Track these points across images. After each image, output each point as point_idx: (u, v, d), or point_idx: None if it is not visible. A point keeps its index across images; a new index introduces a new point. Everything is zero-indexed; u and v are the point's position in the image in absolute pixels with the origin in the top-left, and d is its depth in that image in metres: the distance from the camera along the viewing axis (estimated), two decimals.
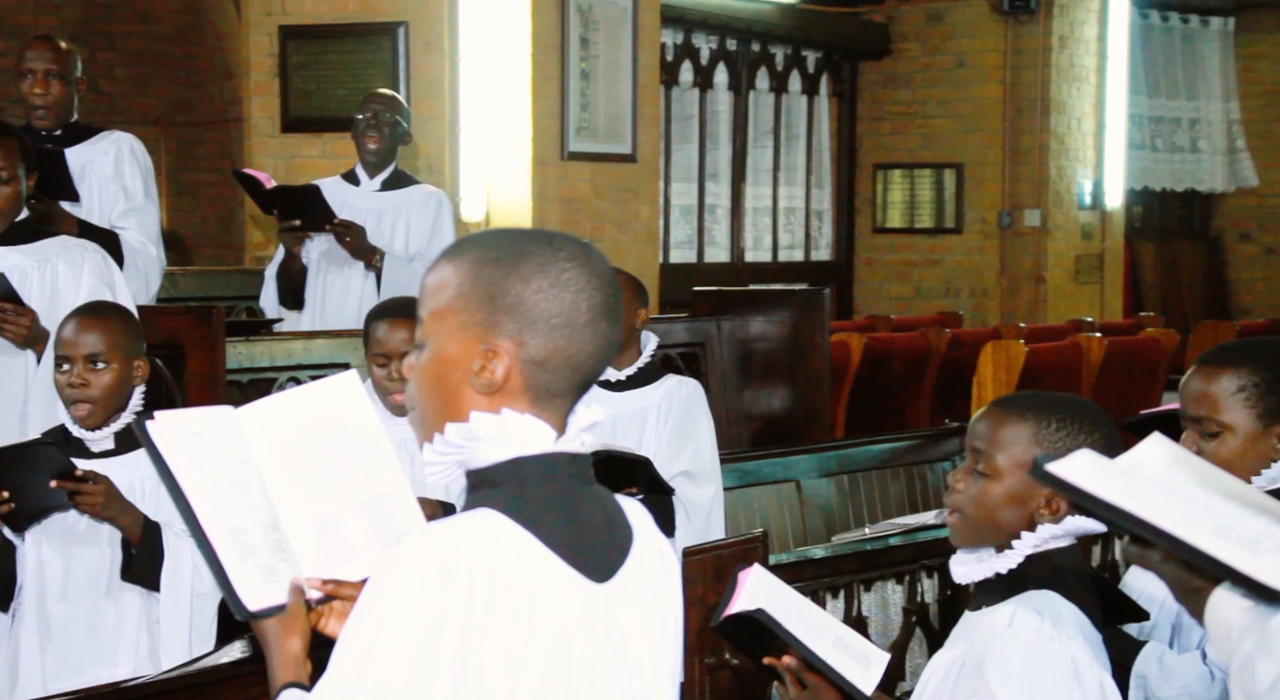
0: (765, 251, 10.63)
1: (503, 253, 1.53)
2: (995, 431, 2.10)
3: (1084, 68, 10.52)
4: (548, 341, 1.51)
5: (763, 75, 10.37)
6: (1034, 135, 10.34)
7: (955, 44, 10.41)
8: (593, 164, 7.82)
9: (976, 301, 10.47)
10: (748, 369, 6.27)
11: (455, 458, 1.53)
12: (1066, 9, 10.32)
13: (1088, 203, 10.63)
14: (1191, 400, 2.36)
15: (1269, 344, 2.47)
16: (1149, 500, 1.35)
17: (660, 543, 1.62)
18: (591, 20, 7.66)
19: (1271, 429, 2.32)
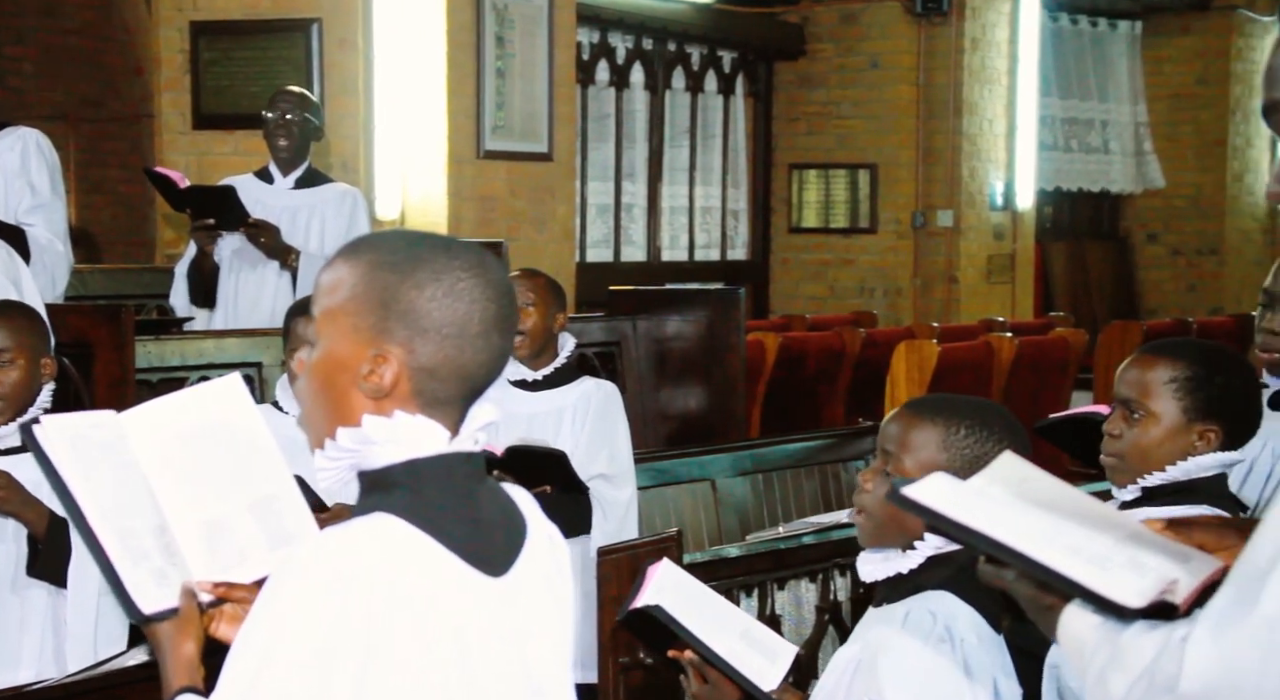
0: (682, 251, 10.66)
1: (399, 258, 1.52)
2: (905, 434, 2.12)
3: (996, 69, 10.64)
4: (438, 350, 1.51)
5: (679, 75, 10.40)
6: (947, 136, 10.44)
7: (869, 45, 10.49)
8: (509, 163, 7.80)
9: (890, 301, 10.56)
10: (664, 368, 6.29)
11: (348, 461, 1.53)
12: (978, 11, 10.44)
13: (999, 203, 10.75)
14: (1125, 383, 2.42)
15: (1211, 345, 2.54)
16: (1001, 521, 1.38)
17: (550, 530, 1.64)
18: (507, 19, 7.64)
19: (1193, 425, 2.37)
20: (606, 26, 9.69)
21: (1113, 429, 2.41)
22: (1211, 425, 2.38)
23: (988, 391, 7.28)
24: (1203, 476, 2.37)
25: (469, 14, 7.51)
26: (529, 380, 4.02)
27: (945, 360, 7.02)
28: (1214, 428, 2.38)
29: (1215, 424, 2.38)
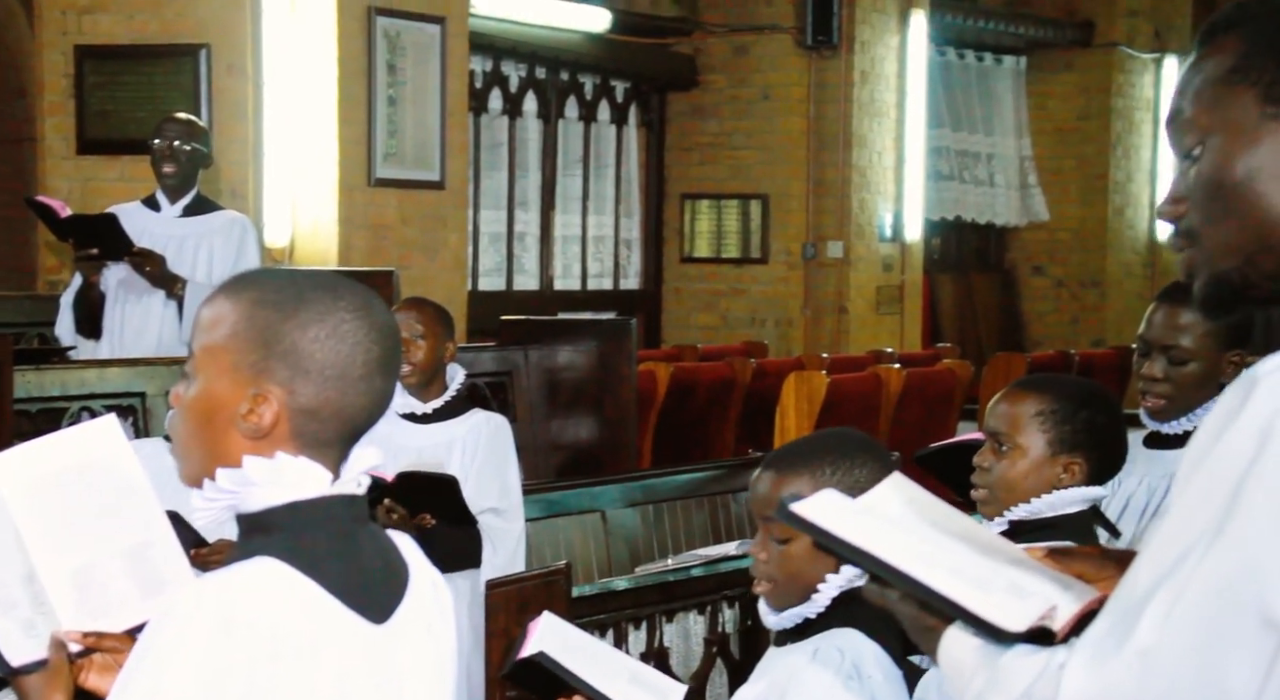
0: (574, 280, 10.67)
1: (283, 296, 1.51)
2: (775, 495, 2.13)
3: (884, 103, 10.78)
4: (319, 392, 1.49)
5: (572, 104, 10.42)
6: (837, 168, 10.56)
7: (761, 77, 10.58)
8: (400, 190, 7.77)
9: (781, 331, 10.64)
10: (555, 398, 6.28)
11: (226, 502, 1.51)
12: (867, 45, 10.57)
13: (888, 235, 10.88)
14: (995, 416, 2.47)
15: (1078, 381, 2.60)
16: (887, 540, 1.40)
17: (434, 576, 1.63)
18: (399, 46, 7.62)
19: (1058, 458, 2.42)
20: (499, 55, 9.69)
21: (982, 461, 2.46)
22: (1076, 458, 2.42)
23: (875, 422, 7.35)
24: (1067, 512, 2.41)
25: (360, 41, 7.47)
26: (418, 413, 3.99)
27: (834, 391, 7.08)
28: (1078, 461, 2.42)
29: (1079, 457, 2.42)
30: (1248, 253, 1.33)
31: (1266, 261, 1.33)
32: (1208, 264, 1.35)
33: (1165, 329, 2.85)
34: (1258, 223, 1.32)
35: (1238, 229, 1.33)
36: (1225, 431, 1.23)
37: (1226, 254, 1.34)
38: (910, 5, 10.75)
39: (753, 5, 10.48)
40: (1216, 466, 1.23)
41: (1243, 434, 1.22)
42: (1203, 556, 1.22)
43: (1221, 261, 1.34)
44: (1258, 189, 1.32)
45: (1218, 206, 1.34)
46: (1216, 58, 1.35)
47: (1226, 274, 1.34)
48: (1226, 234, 1.34)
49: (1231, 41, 1.35)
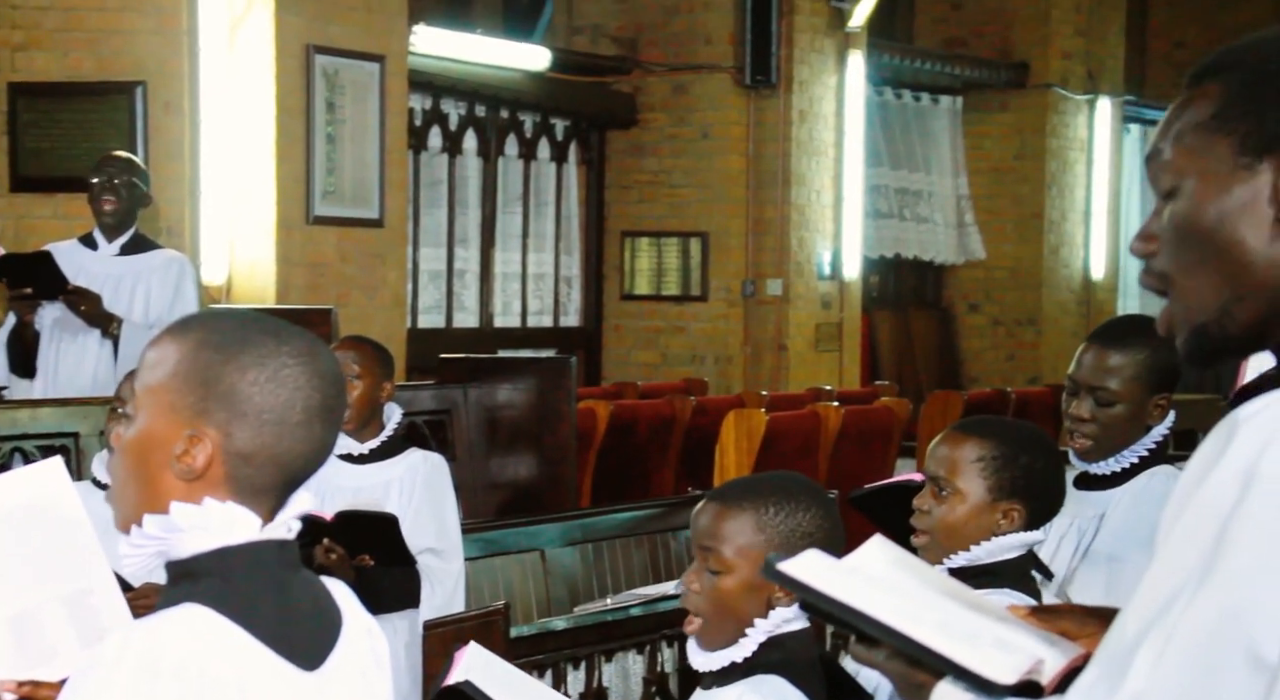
0: (514, 317, 10.66)
1: (226, 339, 1.50)
2: (717, 526, 2.14)
3: (823, 142, 10.86)
4: (255, 436, 1.49)
5: (512, 142, 10.43)
6: (776, 206, 10.62)
7: (700, 116, 10.64)
8: (339, 228, 7.75)
9: (721, 368, 10.67)
10: (494, 437, 6.27)
11: (154, 549, 1.50)
12: (806, 85, 10.66)
13: (827, 273, 10.95)
14: (935, 460, 2.47)
15: (1018, 425, 2.60)
16: (875, 598, 1.41)
17: (368, 623, 1.61)
18: (338, 84, 7.61)
19: (998, 503, 2.43)
20: (439, 93, 9.69)
21: (922, 505, 2.47)
22: (1015, 504, 2.42)
23: (814, 460, 7.38)
24: (1005, 558, 2.42)
25: (299, 79, 7.47)
26: (355, 454, 3.98)
27: (773, 429, 7.11)
28: (1017, 507, 2.42)
29: (1019, 503, 2.42)
30: (1222, 303, 1.34)
31: (1241, 311, 1.34)
32: (1186, 320, 1.36)
33: (1093, 370, 2.88)
34: (1230, 271, 1.33)
35: (1211, 277, 1.34)
36: (1208, 475, 1.23)
37: (1203, 307, 1.35)
38: (848, 45, 10.85)
39: (692, 45, 10.55)
40: (1201, 510, 1.23)
41: (1226, 477, 1.22)
42: (1190, 600, 1.22)
43: (1198, 315, 1.35)
44: (1229, 236, 1.33)
45: (1191, 252, 1.35)
46: (1199, 102, 1.36)
47: (1205, 327, 1.35)
48: (1200, 284, 1.35)
49: (1215, 87, 1.36)
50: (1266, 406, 1.24)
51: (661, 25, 10.58)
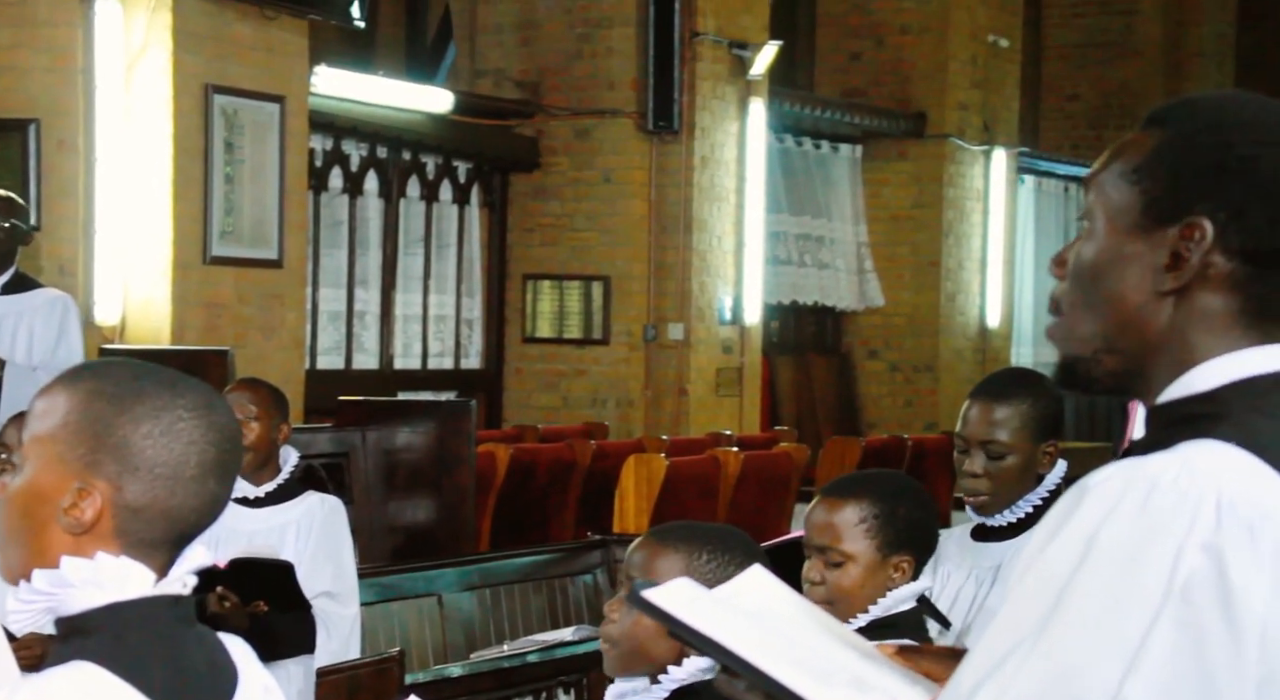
0: (415, 359, 10.60)
1: (120, 389, 1.47)
2: (648, 563, 2.16)
3: (724, 188, 10.93)
4: (147, 490, 1.46)
5: (414, 183, 10.40)
6: (678, 251, 10.66)
7: (603, 160, 10.68)
8: (237, 268, 7.67)
9: (623, 412, 10.67)
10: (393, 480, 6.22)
11: (43, 605, 1.46)
12: (708, 131, 10.74)
13: (728, 318, 11.00)
14: (816, 530, 2.47)
15: (889, 477, 2.63)
16: (735, 630, 1.41)
17: (265, 680, 1.58)
18: (237, 124, 7.55)
19: (890, 559, 2.45)
20: (340, 134, 9.65)
21: (813, 576, 2.45)
22: (905, 556, 2.45)
23: (713, 504, 7.39)
24: (902, 610, 2.45)
25: (197, 119, 7.40)
26: (250, 497, 3.93)
27: (673, 473, 7.12)
28: (907, 558, 2.45)
29: (908, 554, 2.45)
30: (1096, 348, 1.37)
31: (1110, 361, 1.37)
32: (1063, 344, 1.40)
33: (981, 425, 2.91)
34: (1107, 321, 1.36)
35: (1092, 322, 1.37)
36: (1054, 538, 1.27)
37: (1079, 342, 1.38)
38: (749, 93, 10.95)
39: (594, 90, 10.60)
40: (1043, 571, 1.26)
41: (1069, 541, 1.25)
42: (1025, 657, 1.25)
43: (1074, 347, 1.38)
44: (1114, 288, 1.36)
45: (1080, 291, 1.38)
46: (1133, 148, 1.39)
47: (1075, 363, 1.38)
48: (1082, 323, 1.38)
49: (1150, 139, 1.38)
50: (1111, 476, 1.27)
51: (564, 70, 10.63)
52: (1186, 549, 1.22)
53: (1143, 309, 1.35)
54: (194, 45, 7.37)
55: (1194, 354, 1.34)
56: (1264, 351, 1.34)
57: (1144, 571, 1.22)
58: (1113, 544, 1.23)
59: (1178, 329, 1.34)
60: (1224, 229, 1.32)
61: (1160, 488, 1.24)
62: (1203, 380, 1.33)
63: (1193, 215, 1.33)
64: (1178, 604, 1.22)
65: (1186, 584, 1.22)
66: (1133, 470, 1.26)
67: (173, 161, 7.27)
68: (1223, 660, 1.21)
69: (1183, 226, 1.33)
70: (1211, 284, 1.33)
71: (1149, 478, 1.25)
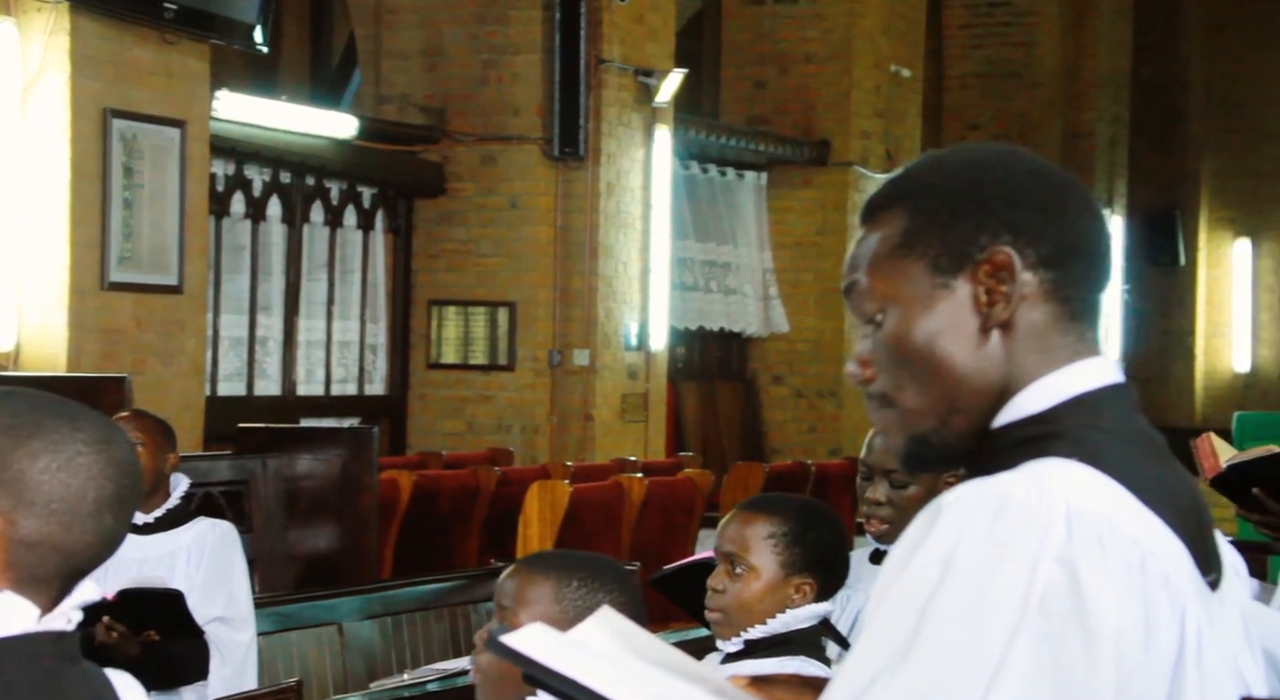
0: (318, 385, 10.52)
1: (18, 422, 1.45)
2: (521, 590, 2.18)
3: (630, 214, 10.97)
4: (42, 525, 1.43)
5: (317, 209, 10.34)
6: (583, 277, 10.68)
7: (509, 186, 10.68)
8: (135, 295, 7.58)
9: (528, 438, 10.66)
10: (294, 508, 6.17)
11: None
12: (613, 158, 10.78)
13: (634, 344, 11.03)
14: (727, 538, 2.53)
15: (808, 502, 2.68)
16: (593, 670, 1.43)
17: None
18: (136, 149, 7.48)
19: (790, 578, 2.50)
20: (243, 159, 9.58)
21: (716, 584, 2.51)
22: (807, 578, 2.50)
23: (618, 531, 7.40)
24: (799, 628, 2.48)
25: (95, 143, 7.31)
26: (139, 524, 3.89)
27: (577, 500, 7.11)
28: (809, 581, 2.50)
29: (810, 577, 2.50)
30: (940, 415, 1.38)
31: (958, 422, 1.38)
32: (903, 427, 1.40)
33: (884, 454, 2.94)
34: (944, 386, 1.37)
35: (927, 393, 1.38)
36: (912, 559, 1.29)
37: (920, 419, 1.39)
38: (655, 120, 11.01)
39: (500, 116, 10.60)
40: (903, 593, 1.28)
41: (927, 563, 1.27)
42: (890, 681, 1.26)
43: (914, 427, 1.39)
44: (940, 353, 1.37)
45: (905, 372, 1.39)
46: (883, 232, 1.41)
47: (924, 436, 1.39)
48: (917, 399, 1.38)
49: (895, 216, 1.40)
50: (963, 496, 1.29)
51: (470, 96, 10.62)
52: (1040, 563, 1.25)
53: (973, 355, 1.37)
54: (92, 69, 7.29)
55: (1024, 377, 1.37)
56: (1084, 368, 1.37)
57: (1001, 588, 1.25)
58: (969, 562, 1.25)
59: (1012, 356, 1.37)
60: (1020, 250, 1.36)
61: (1011, 505, 1.27)
62: (1033, 402, 1.36)
63: (985, 250, 1.36)
64: (1035, 617, 1.24)
65: (1043, 597, 1.24)
66: (983, 489, 1.29)
67: (70, 186, 7.18)
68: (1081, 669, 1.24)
69: (983, 263, 1.36)
70: (1030, 300, 1.37)
71: (1000, 495, 1.28)
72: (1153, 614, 1.27)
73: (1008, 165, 1.40)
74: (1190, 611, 1.30)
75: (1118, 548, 1.27)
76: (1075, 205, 1.39)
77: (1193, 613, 1.30)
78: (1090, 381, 1.36)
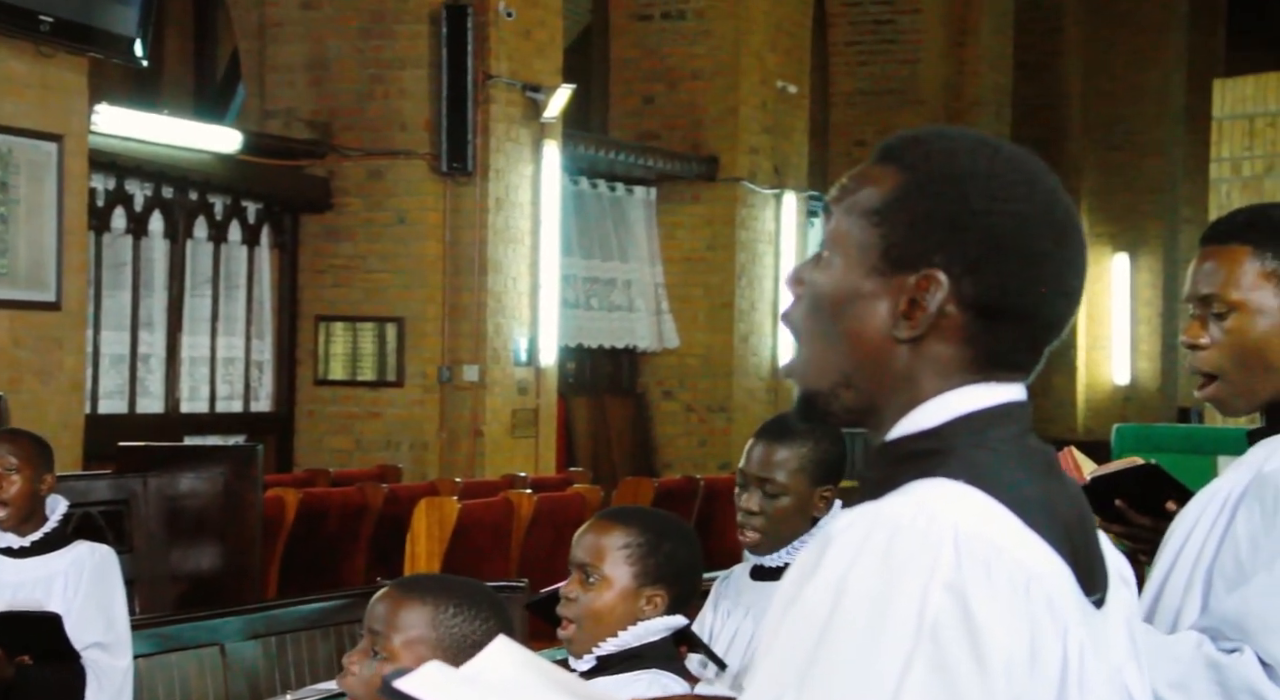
0: (202, 402, 10.38)
1: None
2: (393, 614, 2.16)
3: (519, 229, 10.95)
4: None
5: (201, 224, 10.21)
6: (473, 293, 10.64)
7: (396, 201, 10.61)
8: (11, 311, 7.43)
9: (417, 455, 10.59)
10: (176, 527, 6.09)
11: None
12: (502, 173, 10.75)
13: (524, 359, 11.00)
14: (582, 548, 2.54)
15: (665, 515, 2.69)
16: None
17: None
18: (12, 164, 7.34)
19: (643, 590, 2.51)
20: (123, 174, 9.43)
21: (569, 592, 2.52)
22: (659, 590, 2.51)
23: (506, 547, 7.37)
24: (651, 641, 2.49)
25: None
26: (15, 548, 3.82)
27: (465, 516, 7.08)
28: (661, 593, 2.51)
29: (662, 589, 2.51)
30: (833, 382, 1.38)
31: (847, 396, 1.39)
32: (801, 378, 1.41)
33: (761, 464, 2.97)
34: (846, 357, 1.38)
35: (829, 355, 1.38)
36: (804, 588, 1.29)
37: (816, 375, 1.39)
38: (543, 136, 11.00)
39: (387, 131, 10.54)
40: (799, 621, 1.28)
41: (819, 592, 1.27)
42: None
43: (811, 381, 1.40)
44: (853, 325, 1.37)
45: (818, 323, 1.39)
46: (875, 184, 1.38)
47: (815, 397, 1.40)
48: (820, 355, 1.39)
49: (889, 177, 1.38)
50: (854, 523, 1.30)
51: (356, 111, 10.55)
52: (931, 590, 1.26)
53: (880, 350, 1.37)
54: None
55: (921, 395, 1.37)
56: (984, 388, 1.37)
57: (893, 616, 1.25)
58: (861, 591, 1.26)
59: (911, 373, 1.37)
60: (958, 282, 1.35)
61: (901, 531, 1.27)
62: (927, 417, 1.37)
63: (929, 267, 1.35)
64: (928, 645, 1.25)
65: (934, 624, 1.25)
66: (873, 515, 1.29)
67: None
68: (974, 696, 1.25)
69: (920, 277, 1.35)
70: (945, 334, 1.36)
71: (889, 521, 1.28)
72: (1037, 638, 1.28)
73: (1008, 195, 1.36)
74: (1072, 633, 1.31)
75: (1004, 572, 1.28)
76: (1045, 271, 1.36)
77: (1074, 635, 1.31)
78: (985, 400, 1.37)
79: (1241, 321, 2.21)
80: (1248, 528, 2.14)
